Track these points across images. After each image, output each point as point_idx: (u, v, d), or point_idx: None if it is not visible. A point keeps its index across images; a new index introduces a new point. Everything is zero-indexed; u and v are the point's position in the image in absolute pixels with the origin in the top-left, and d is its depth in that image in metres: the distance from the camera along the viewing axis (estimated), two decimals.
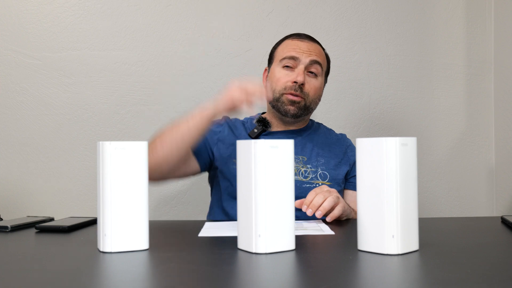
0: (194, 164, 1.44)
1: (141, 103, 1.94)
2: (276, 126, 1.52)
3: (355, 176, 1.49)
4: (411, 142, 0.84)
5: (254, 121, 1.51)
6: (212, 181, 1.54)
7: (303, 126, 1.55)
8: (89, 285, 0.68)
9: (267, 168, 0.83)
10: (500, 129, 2.01)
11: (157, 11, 1.95)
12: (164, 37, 1.95)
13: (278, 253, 0.83)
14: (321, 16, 1.99)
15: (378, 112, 2.02)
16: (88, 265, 0.80)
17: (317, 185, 1.42)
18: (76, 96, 1.93)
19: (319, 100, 1.51)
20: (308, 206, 1.16)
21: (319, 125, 1.62)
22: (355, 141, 0.90)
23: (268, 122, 1.49)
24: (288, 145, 0.86)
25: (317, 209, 1.15)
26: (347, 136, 1.62)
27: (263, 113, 1.59)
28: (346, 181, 1.52)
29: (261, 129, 1.47)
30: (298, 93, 1.43)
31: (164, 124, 1.94)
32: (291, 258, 0.81)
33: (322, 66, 1.48)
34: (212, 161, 1.47)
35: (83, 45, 1.93)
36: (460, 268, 0.74)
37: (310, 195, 1.19)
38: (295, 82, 1.42)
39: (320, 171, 1.45)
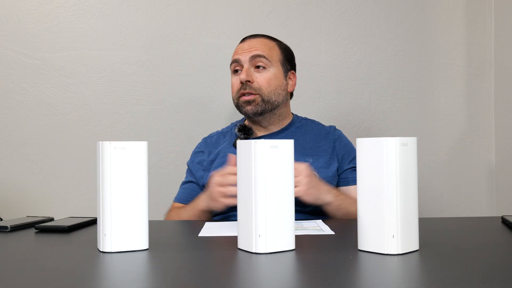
0: None
1: (141, 103, 1.94)
2: (257, 131, 1.52)
3: (345, 171, 1.48)
4: (411, 142, 0.84)
5: (236, 130, 1.50)
6: None
7: (285, 125, 1.53)
8: (89, 285, 0.68)
9: (267, 168, 0.83)
10: (500, 129, 2.01)
11: (157, 11, 1.95)
12: (164, 37, 1.95)
13: (278, 253, 0.83)
14: (321, 16, 1.99)
15: (378, 112, 2.02)
16: (88, 265, 0.80)
17: None
18: (76, 96, 1.93)
19: (282, 89, 1.49)
20: None
21: (305, 120, 1.58)
22: (355, 140, 0.90)
23: (250, 129, 1.49)
24: (288, 145, 0.86)
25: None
26: (347, 136, 1.59)
27: (244, 119, 1.58)
28: (338, 177, 1.47)
29: (243, 137, 1.47)
30: (247, 91, 1.45)
31: (164, 124, 1.94)
32: (291, 258, 0.81)
33: (268, 57, 1.46)
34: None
35: (83, 45, 1.93)
36: (460, 268, 0.74)
37: (302, 172, 1.21)
38: (241, 82, 1.45)
39: None
